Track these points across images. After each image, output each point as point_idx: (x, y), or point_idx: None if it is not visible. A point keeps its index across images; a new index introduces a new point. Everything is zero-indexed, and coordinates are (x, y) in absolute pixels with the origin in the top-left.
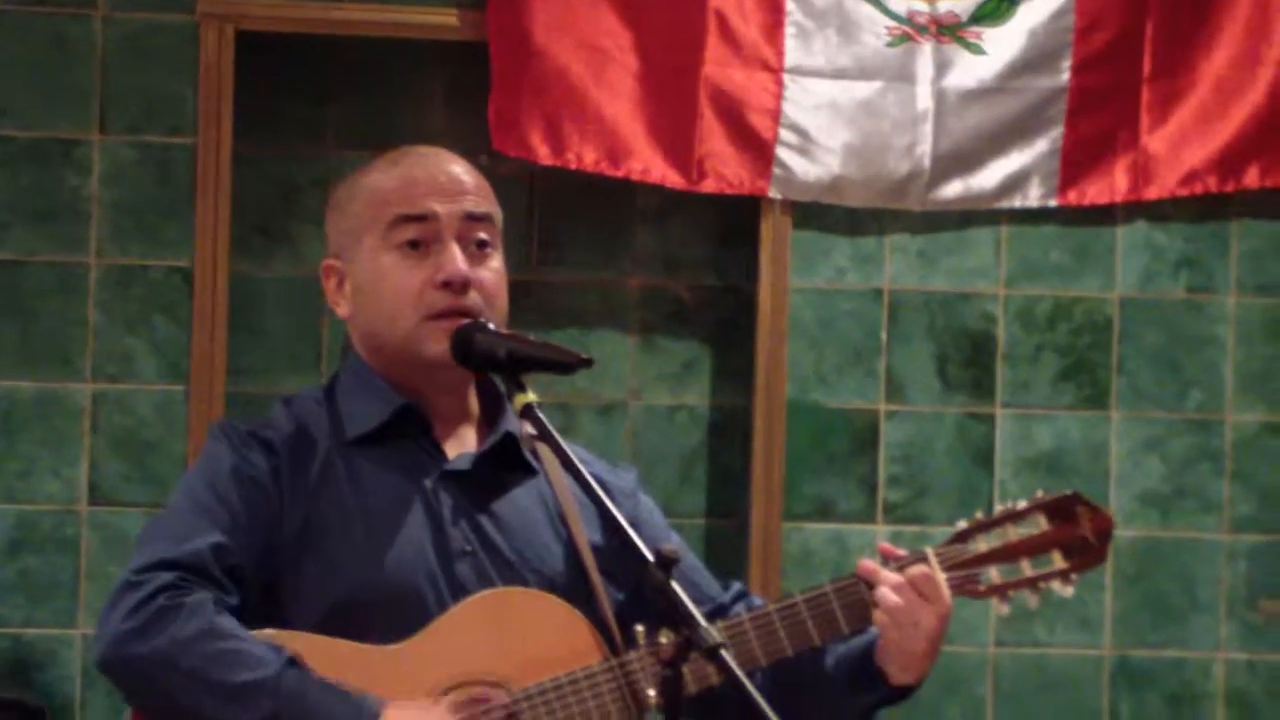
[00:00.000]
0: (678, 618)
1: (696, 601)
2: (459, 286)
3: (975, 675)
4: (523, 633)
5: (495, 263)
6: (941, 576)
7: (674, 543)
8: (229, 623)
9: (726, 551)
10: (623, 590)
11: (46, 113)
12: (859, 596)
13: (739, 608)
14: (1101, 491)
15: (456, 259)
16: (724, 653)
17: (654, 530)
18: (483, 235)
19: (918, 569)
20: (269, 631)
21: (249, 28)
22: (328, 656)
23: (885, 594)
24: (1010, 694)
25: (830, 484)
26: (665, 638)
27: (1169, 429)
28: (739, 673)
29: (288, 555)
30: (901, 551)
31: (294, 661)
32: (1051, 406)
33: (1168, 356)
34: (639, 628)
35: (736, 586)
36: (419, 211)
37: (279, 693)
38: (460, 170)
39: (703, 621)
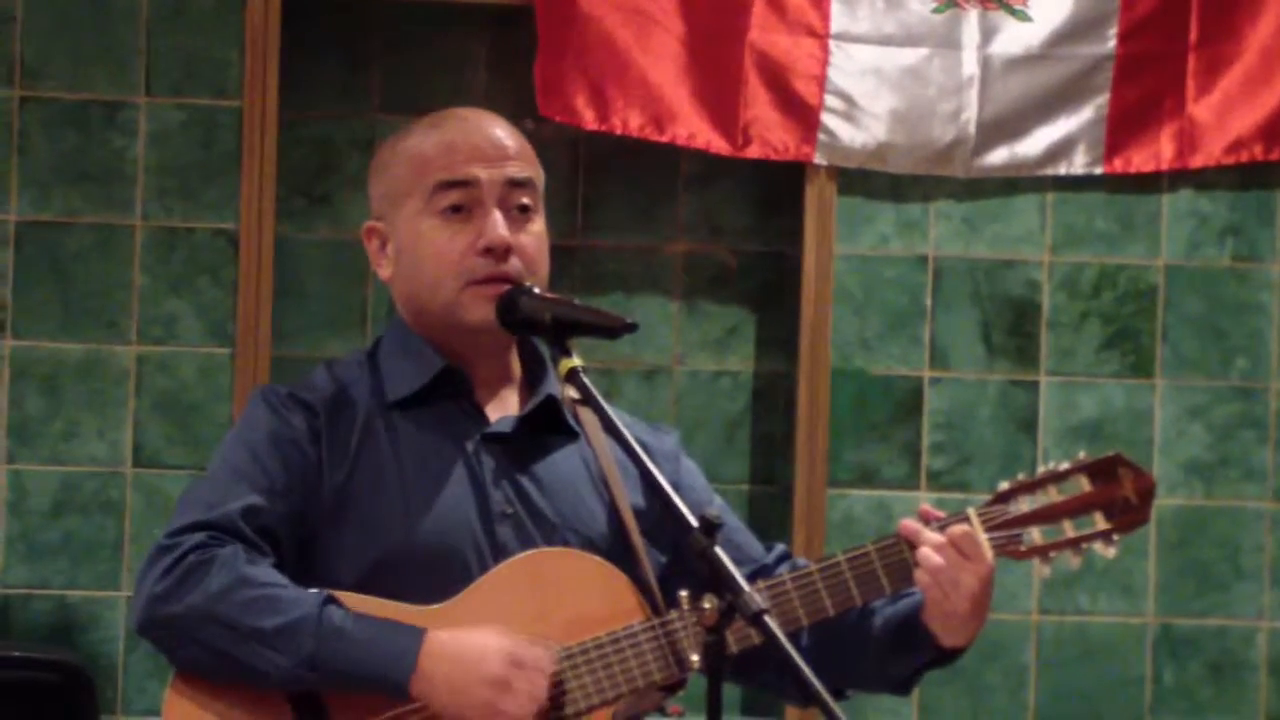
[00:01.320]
0: (721, 583)
1: (738, 563)
2: (500, 253)
3: (1018, 642)
4: (564, 592)
5: (537, 227)
6: (983, 536)
7: (716, 506)
8: (260, 570)
9: (770, 518)
10: (665, 553)
11: (91, 74)
12: (901, 556)
13: (782, 569)
14: (1145, 459)
15: (498, 225)
16: (767, 619)
17: (696, 493)
18: (525, 200)
19: (959, 528)
20: (309, 590)
21: None
22: (367, 615)
23: (927, 554)
24: (1052, 661)
25: (874, 451)
26: (708, 603)
27: (1213, 397)
28: (782, 638)
29: (328, 516)
30: (941, 513)
31: (331, 599)
32: (1095, 374)
33: (1212, 324)
34: (683, 593)
35: (780, 548)
36: (461, 177)
37: (319, 632)
38: (502, 134)
39: (746, 586)
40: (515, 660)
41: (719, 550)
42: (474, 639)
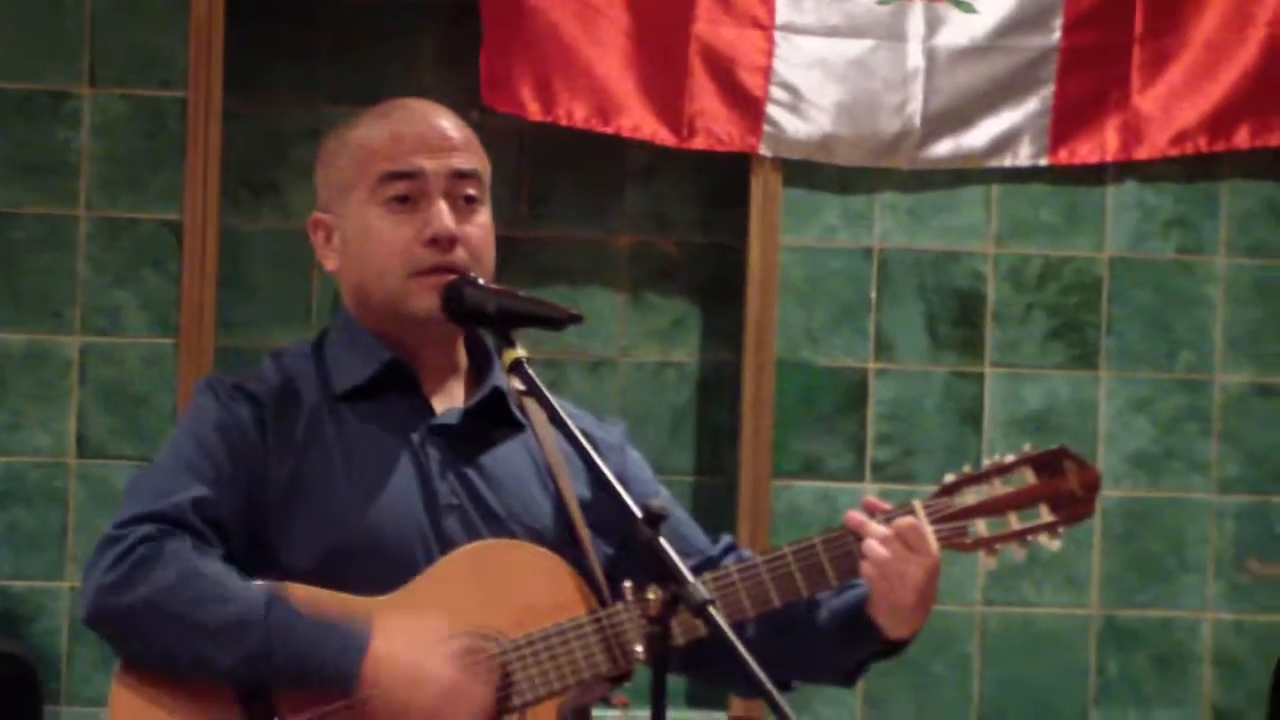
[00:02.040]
0: (665, 574)
1: (685, 554)
2: (446, 243)
3: (963, 633)
4: (510, 584)
5: (483, 218)
6: (929, 528)
7: (662, 497)
8: (210, 564)
9: (715, 509)
10: (611, 544)
11: (36, 65)
12: (847, 548)
13: (728, 560)
14: (1090, 451)
15: (443, 215)
16: (712, 610)
17: (642, 485)
18: (470, 191)
19: (905, 520)
20: (255, 583)
21: None
22: (314, 608)
23: (872, 546)
24: (997, 652)
25: (819, 442)
26: (653, 594)
27: (1158, 389)
28: (727, 629)
29: (275, 508)
30: (887, 505)
31: (278, 597)
32: (1040, 366)
33: (1157, 317)
34: (627, 584)
35: (726, 539)
36: (407, 169)
37: (268, 626)
38: (448, 125)
39: (690, 578)
40: (458, 690)
41: (663, 541)
42: (421, 655)
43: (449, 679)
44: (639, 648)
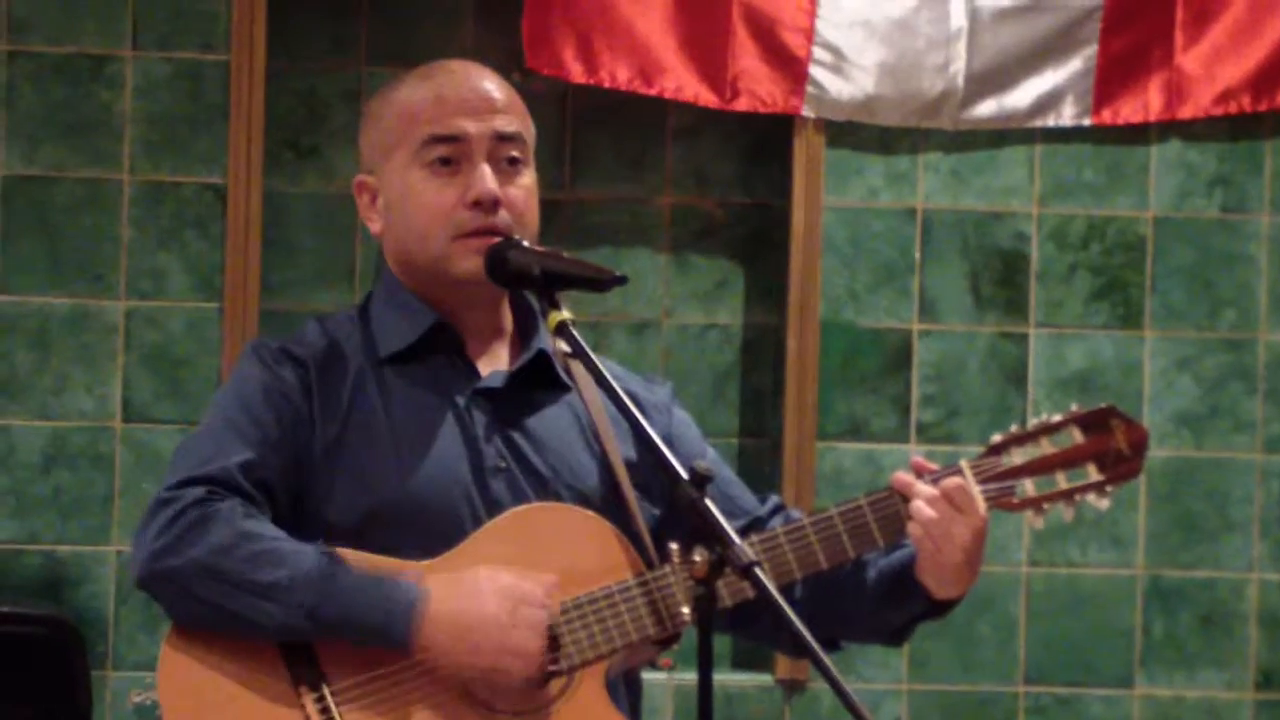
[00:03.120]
0: (711, 535)
1: (732, 515)
2: (489, 205)
3: (1008, 594)
4: (557, 547)
5: (526, 179)
6: (976, 488)
7: (709, 457)
8: (260, 525)
9: (759, 471)
10: (659, 506)
11: (78, 28)
12: (894, 509)
13: (776, 521)
14: (1135, 411)
15: (486, 178)
16: (758, 571)
17: (689, 445)
18: (514, 153)
19: (952, 481)
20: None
21: None
22: (367, 566)
23: (919, 506)
24: (1043, 612)
25: (863, 403)
26: (699, 555)
27: (1202, 348)
28: (773, 590)
29: (320, 471)
30: (934, 465)
31: (329, 554)
32: (1084, 326)
33: (1201, 276)
34: (673, 546)
35: (774, 500)
36: (450, 132)
37: (320, 585)
38: (492, 86)
39: (736, 539)
40: (514, 594)
41: (709, 502)
42: (469, 580)
43: (501, 638)
44: (685, 609)
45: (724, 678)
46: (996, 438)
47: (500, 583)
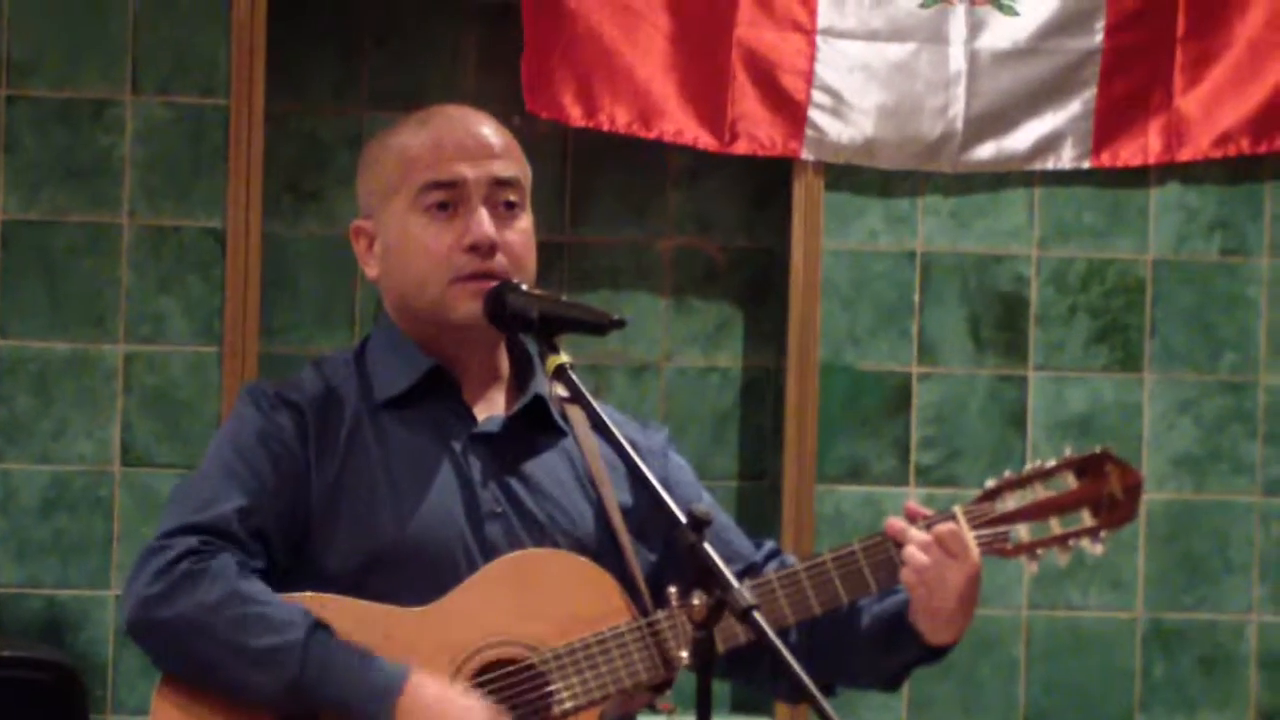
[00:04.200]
0: (710, 579)
1: (728, 560)
2: (486, 250)
3: (1009, 637)
4: (552, 593)
5: (523, 223)
6: (969, 534)
7: (706, 502)
8: (254, 586)
9: (758, 513)
10: (655, 551)
11: (78, 72)
12: (887, 555)
13: (771, 566)
14: (1134, 453)
15: (484, 222)
16: (756, 615)
17: (685, 490)
18: (511, 197)
19: (945, 526)
20: (297, 595)
21: None
22: (356, 618)
23: (912, 552)
24: (1043, 655)
25: (863, 446)
26: (697, 599)
27: (1202, 391)
28: (772, 635)
29: (316, 516)
30: (928, 510)
31: (320, 625)
32: (1084, 369)
33: (1201, 318)
34: (672, 589)
35: (769, 545)
36: (447, 178)
37: (304, 657)
38: (489, 131)
39: (735, 583)
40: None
41: (707, 546)
42: (457, 700)
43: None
44: (684, 653)
45: None
46: (990, 483)
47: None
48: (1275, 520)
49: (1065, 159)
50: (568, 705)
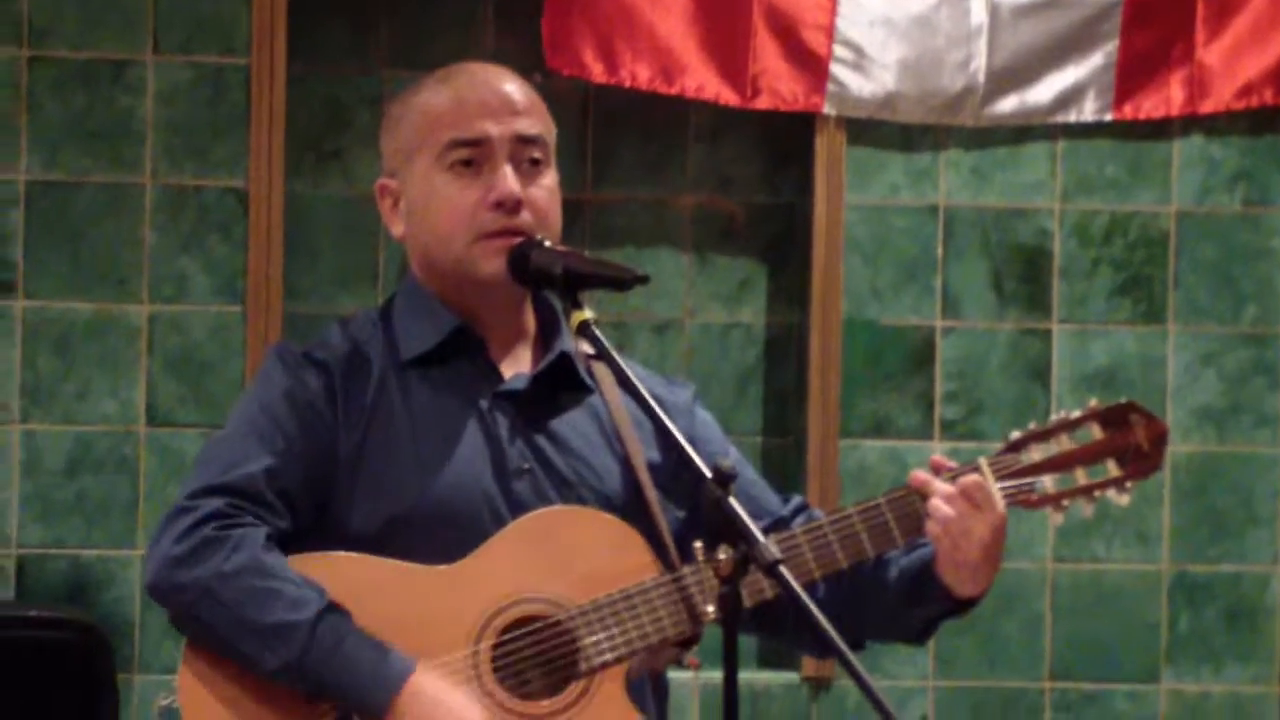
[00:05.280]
0: (735, 533)
1: (755, 516)
2: (511, 206)
3: (1033, 590)
4: (577, 550)
5: (548, 180)
6: (994, 485)
7: (732, 457)
8: (274, 559)
9: (783, 470)
10: (682, 508)
11: (98, 33)
12: (912, 507)
13: (799, 521)
14: (1158, 406)
15: (508, 179)
16: (782, 569)
17: (712, 445)
18: (536, 155)
19: (970, 478)
20: (322, 555)
21: None
22: (380, 576)
23: (937, 504)
24: (1068, 609)
25: (886, 401)
26: (723, 554)
27: (1225, 343)
28: (798, 589)
29: (343, 475)
30: (953, 463)
31: (333, 609)
32: (1107, 322)
33: (1224, 271)
34: (697, 544)
35: (797, 500)
36: (472, 135)
37: (309, 641)
38: (513, 89)
39: (760, 537)
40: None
41: (733, 501)
42: (456, 697)
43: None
44: (710, 608)
45: (750, 676)
46: (1015, 434)
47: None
48: None
49: (1087, 112)
50: (595, 661)
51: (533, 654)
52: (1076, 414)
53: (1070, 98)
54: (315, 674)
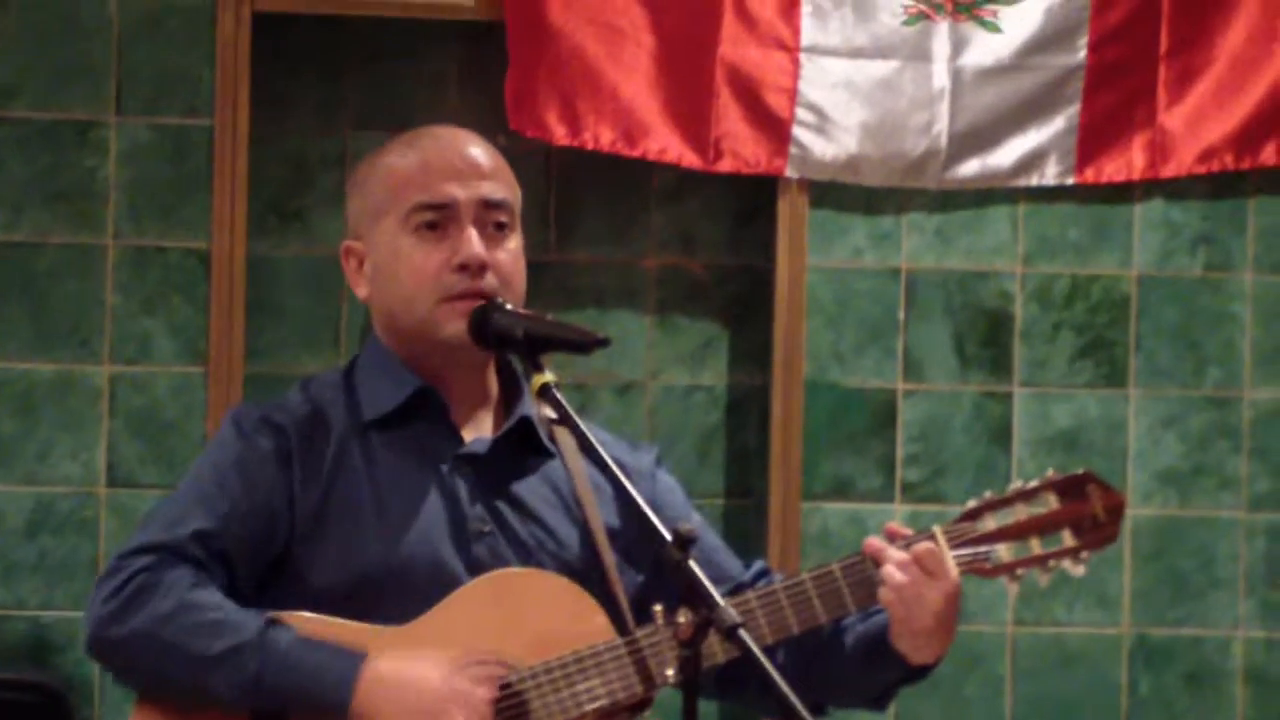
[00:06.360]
0: (695, 597)
1: (715, 580)
2: (476, 269)
3: (994, 653)
4: (529, 612)
5: (513, 244)
6: (948, 553)
7: (694, 521)
8: (206, 595)
9: (745, 531)
10: (643, 572)
11: (62, 94)
12: (866, 574)
13: (761, 585)
14: (1119, 469)
15: (473, 242)
16: (742, 633)
17: (674, 509)
18: (501, 219)
19: (924, 546)
20: (276, 616)
21: (264, 8)
22: (335, 637)
23: (890, 571)
24: (1029, 672)
25: (848, 463)
26: (683, 617)
27: (1187, 406)
28: (758, 652)
29: (302, 538)
30: (908, 530)
31: (274, 622)
32: (1069, 385)
33: (1185, 334)
34: (657, 607)
35: (758, 565)
36: (438, 199)
37: (261, 652)
38: (478, 152)
39: (720, 600)
40: (454, 691)
41: (693, 563)
42: (415, 667)
43: (444, 687)
44: (669, 671)
45: None
46: (972, 503)
47: (444, 671)
48: (1261, 535)
49: (1049, 175)
50: None
51: None
52: (1033, 483)
53: (1032, 161)
54: (271, 688)
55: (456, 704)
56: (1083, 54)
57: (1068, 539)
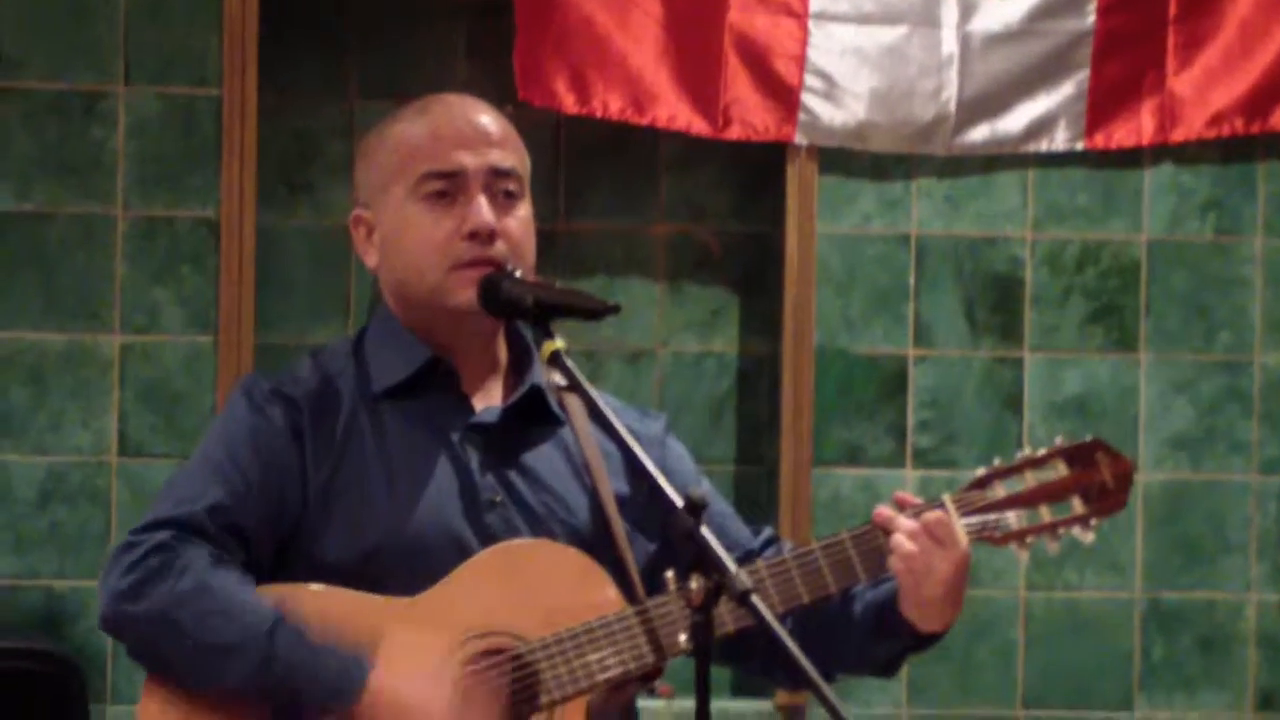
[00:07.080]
0: (707, 563)
1: (726, 548)
2: (485, 237)
3: (1006, 619)
4: (540, 583)
5: (522, 211)
6: (958, 521)
7: (703, 489)
8: (222, 579)
9: (756, 498)
10: (653, 540)
11: (69, 65)
12: (876, 543)
13: (769, 553)
14: (1130, 434)
15: (483, 210)
16: (754, 598)
17: (683, 477)
18: (510, 187)
19: (933, 515)
20: (287, 586)
21: None
22: (345, 608)
23: (900, 540)
24: (1041, 637)
25: (859, 430)
26: (695, 583)
27: (1197, 371)
28: (770, 618)
29: (313, 510)
30: (917, 499)
31: (285, 618)
32: (1080, 350)
33: (1195, 299)
34: (668, 573)
35: (767, 532)
36: (447, 167)
37: (269, 648)
38: (488, 120)
39: (732, 566)
40: (471, 665)
41: (704, 529)
42: (417, 690)
43: (446, 705)
44: (682, 638)
45: (723, 705)
46: (981, 471)
47: (453, 662)
48: (1272, 499)
49: (1059, 141)
50: (555, 695)
51: (494, 688)
52: (1042, 451)
53: (1042, 127)
54: (277, 683)
55: (466, 705)
56: (1092, 19)
57: (1077, 506)
